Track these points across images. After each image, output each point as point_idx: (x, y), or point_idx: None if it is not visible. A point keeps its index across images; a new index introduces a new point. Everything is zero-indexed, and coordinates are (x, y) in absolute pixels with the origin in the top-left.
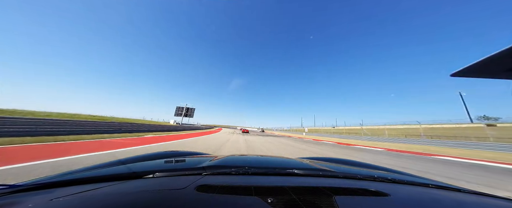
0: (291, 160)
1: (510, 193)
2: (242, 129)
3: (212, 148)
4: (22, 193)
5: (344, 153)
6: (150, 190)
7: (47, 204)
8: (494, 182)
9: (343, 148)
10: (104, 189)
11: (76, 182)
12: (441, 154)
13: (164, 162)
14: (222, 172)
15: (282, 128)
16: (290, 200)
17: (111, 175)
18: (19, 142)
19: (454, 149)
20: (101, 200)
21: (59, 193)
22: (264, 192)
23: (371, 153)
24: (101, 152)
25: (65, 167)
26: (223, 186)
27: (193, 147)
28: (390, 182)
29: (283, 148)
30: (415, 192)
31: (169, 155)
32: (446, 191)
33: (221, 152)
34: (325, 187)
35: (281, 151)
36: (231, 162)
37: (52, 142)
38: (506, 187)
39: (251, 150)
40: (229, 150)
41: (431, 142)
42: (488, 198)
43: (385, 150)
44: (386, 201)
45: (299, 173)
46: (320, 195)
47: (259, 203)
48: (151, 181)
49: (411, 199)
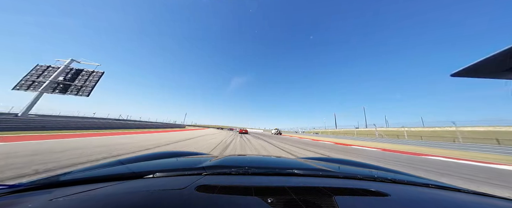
0: (291, 160)
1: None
2: (240, 130)
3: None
4: (22, 193)
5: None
6: (150, 190)
7: (47, 204)
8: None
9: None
10: (104, 189)
11: (76, 182)
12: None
13: (164, 162)
14: (222, 172)
15: (306, 130)
16: (290, 200)
17: (111, 175)
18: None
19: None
20: (101, 200)
21: (59, 193)
22: (264, 192)
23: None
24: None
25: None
26: (223, 186)
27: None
28: (390, 182)
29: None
30: (415, 192)
31: (169, 155)
32: (446, 191)
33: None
34: (325, 187)
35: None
36: (231, 162)
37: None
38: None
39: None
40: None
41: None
42: (488, 198)
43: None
44: (386, 201)
45: (299, 173)
46: (320, 195)
47: (259, 203)
48: (151, 181)
49: (411, 199)
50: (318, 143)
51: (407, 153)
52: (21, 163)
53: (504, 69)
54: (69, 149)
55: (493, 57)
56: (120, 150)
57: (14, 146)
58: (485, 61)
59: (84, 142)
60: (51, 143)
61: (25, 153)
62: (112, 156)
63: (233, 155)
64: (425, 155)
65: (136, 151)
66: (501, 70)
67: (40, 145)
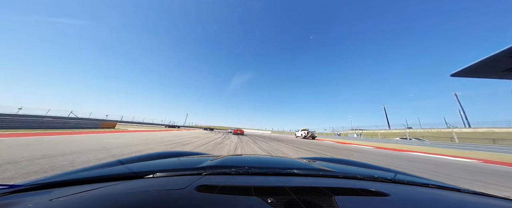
0: (291, 160)
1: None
2: (234, 130)
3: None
4: (21, 193)
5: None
6: (150, 190)
7: (47, 204)
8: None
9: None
10: (104, 189)
11: (76, 182)
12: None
13: (164, 162)
14: (222, 172)
15: (335, 131)
16: (290, 200)
17: (111, 175)
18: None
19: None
20: (101, 200)
21: (59, 193)
22: (264, 192)
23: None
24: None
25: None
26: (223, 186)
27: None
28: (390, 182)
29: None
30: (415, 192)
31: (169, 155)
32: (446, 191)
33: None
34: (325, 187)
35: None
36: (231, 162)
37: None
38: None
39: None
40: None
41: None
42: (488, 198)
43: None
44: (386, 201)
45: (299, 173)
46: (320, 195)
47: (259, 203)
48: (151, 181)
49: (411, 199)
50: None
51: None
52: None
53: (504, 69)
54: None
55: (493, 57)
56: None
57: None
58: (485, 61)
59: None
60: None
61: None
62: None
63: (233, 155)
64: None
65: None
66: (501, 70)
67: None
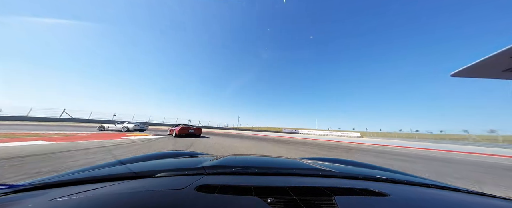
0: (291, 160)
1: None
2: (179, 128)
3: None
4: (22, 193)
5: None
6: (150, 190)
7: (47, 204)
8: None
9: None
10: (104, 189)
11: (76, 182)
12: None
13: (164, 162)
14: (222, 172)
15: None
16: (290, 200)
17: (111, 175)
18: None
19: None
20: (101, 200)
21: (59, 193)
22: (264, 192)
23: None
24: None
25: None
26: (223, 186)
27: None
28: (390, 182)
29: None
30: (415, 192)
31: (169, 155)
32: (446, 191)
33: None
34: (325, 187)
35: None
36: (231, 162)
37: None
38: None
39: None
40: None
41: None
42: (488, 198)
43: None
44: (386, 201)
45: (299, 173)
46: (320, 195)
47: (259, 203)
48: (151, 181)
49: (411, 199)
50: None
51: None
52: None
53: (504, 69)
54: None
55: (493, 57)
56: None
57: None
58: (485, 61)
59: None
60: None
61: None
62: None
63: (233, 155)
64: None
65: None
66: (501, 70)
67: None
